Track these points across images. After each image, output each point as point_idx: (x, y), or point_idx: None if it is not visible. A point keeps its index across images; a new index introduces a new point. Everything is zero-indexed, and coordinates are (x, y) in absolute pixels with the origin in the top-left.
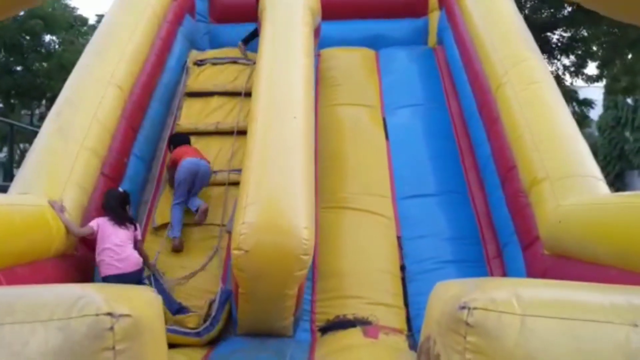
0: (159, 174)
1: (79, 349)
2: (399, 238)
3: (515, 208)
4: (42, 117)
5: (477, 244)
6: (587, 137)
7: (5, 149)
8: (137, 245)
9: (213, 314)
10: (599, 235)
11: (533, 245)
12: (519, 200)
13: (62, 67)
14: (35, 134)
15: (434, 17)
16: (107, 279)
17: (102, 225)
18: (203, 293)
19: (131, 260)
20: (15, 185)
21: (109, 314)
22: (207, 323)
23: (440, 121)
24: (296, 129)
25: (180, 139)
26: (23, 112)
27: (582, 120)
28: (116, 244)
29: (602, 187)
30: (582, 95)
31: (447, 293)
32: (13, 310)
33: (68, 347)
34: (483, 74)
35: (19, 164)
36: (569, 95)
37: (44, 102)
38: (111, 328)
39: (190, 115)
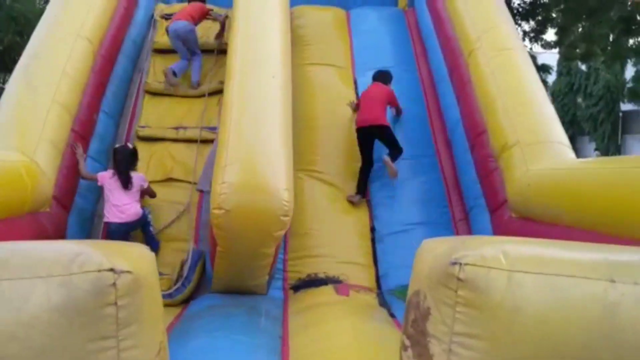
0: (127, 131)
1: (83, 305)
2: (368, 201)
3: (484, 172)
4: None
5: (444, 207)
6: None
7: None
8: (148, 190)
9: (185, 274)
10: (565, 198)
11: (500, 208)
12: (487, 165)
13: (12, 18)
14: None
15: None
16: (110, 225)
17: (107, 184)
18: (174, 252)
19: (132, 211)
20: None
21: (111, 269)
22: (179, 284)
23: (409, 84)
24: (275, 88)
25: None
26: None
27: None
28: (124, 203)
29: (569, 152)
30: (539, 61)
31: (437, 250)
32: (8, 266)
33: (72, 303)
34: (455, 38)
35: None
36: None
37: None
38: (114, 284)
39: (159, 72)
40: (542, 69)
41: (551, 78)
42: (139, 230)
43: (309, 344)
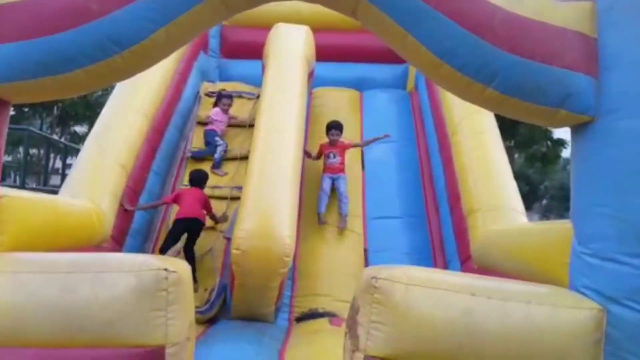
0: (172, 187)
1: (148, 289)
2: (365, 250)
3: (458, 231)
4: (50, 125)
5: (429, 259)
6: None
7: (14, 152)
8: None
9: (212, 299)
10: (511, 254)
11: (468, 260)
12: (461, 225)
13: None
14: (45, 139)
15: None
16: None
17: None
18: (204, 281)
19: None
20: (65, 190)
21: (165, 269)
22: (208, 305)
23: (409, 156)
24: (288, 159)
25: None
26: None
27: (553, 159)
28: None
29: (521, 218)
30: (556, 135)
31: (368, 272)
32: (103, 264)
33: (141, 287)
34: (444, 120)
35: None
36: (544, 134)
37: (54, 111)
38: (166, 278)
39: (200, 140)
40: (557, 143)
41: (568, 150)
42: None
43: (301, 355)
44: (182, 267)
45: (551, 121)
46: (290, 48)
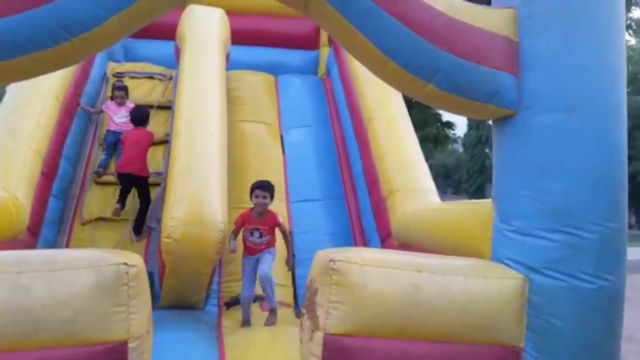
0: (83, 173)
1: (108, 285)
2: (290, 233)
3: (377, 211)
4: None
5: (349, 238)
6: (453, 154)
7: None
8: None
9: None
10: (423, 230)
11: (388, 238)
12: (380, 206)
13: None
14: None
15: (324, 51)
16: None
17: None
18: None
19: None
20: None
21: (125, 264)
22: None
23: (325, 140)
24: (214, 144)
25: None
26: None
27: (443, 140)
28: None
29: (434, 198)
30: (445, 118)
31: (323, 255)
32: (57, 262)
33: (101, 283)
34: (359, 107)
35: None
36: (434, 117)
37: None
38: (127, 272)
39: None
40: (446, 125)
41: (462, 130)
42: None
43: (240, 339)
44: (137, 259)
45: (480, 114)
46: (207, 31)
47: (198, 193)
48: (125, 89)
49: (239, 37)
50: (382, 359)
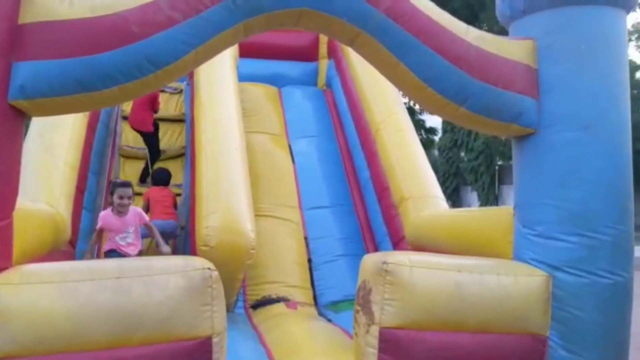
0: (106, 186)
1: (197, 287)
2: (305, 238)
3: (388, 217)
4: None
5: (360, 242)
6: (429, 157)
7: None
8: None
9: None
10: (440, 234)
11: (400, 242)
12: (390, 212)
13: None
14: None
15: (323, 63)
16: None
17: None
18: None
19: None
20: (24, 195)
21: (209, 269)
22: None
23: (330, 150)
24: (237, 156)
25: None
26: None
27: (428, 145)
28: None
29: (443, 204)
30: (428, 124)
31: (373, 258)
32: (153, 268)
33: (191, 286)
34: (365, 119)
35: None
36: (418, 124)
37: None
38: (211, 276)
39: (128, 139)
40: (430, 131)
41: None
42: None
43: (280, 333)
44: (211, 264)
45: (505, 132)
46: None
47: (229, 204)
48: (129, 185)
49: (242, 50)
50: (431, 348)
